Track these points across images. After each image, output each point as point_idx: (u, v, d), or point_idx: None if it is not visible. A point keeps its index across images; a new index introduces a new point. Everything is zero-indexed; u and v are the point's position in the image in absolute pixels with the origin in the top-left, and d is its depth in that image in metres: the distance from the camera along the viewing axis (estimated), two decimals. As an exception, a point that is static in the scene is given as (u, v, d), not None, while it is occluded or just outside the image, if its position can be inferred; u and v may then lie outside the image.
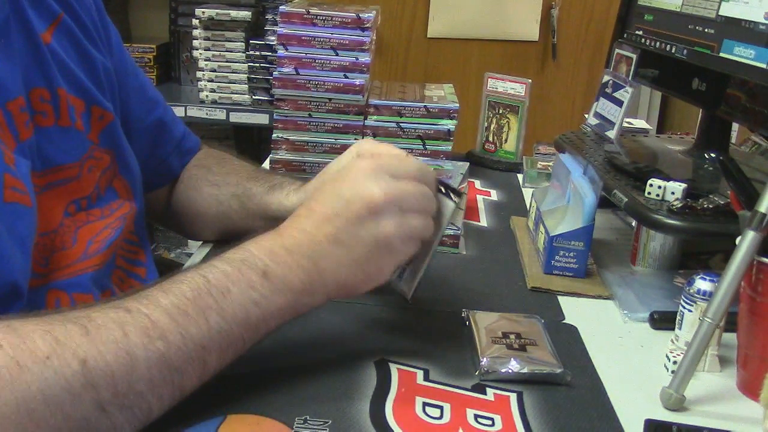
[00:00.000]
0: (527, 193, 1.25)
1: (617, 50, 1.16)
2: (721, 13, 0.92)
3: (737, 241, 0.67)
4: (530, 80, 1.39)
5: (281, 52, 1.27)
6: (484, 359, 0.70)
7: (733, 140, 1.30)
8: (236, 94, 2.09)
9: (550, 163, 1.30)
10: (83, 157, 0.76)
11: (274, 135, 1.30)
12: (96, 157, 0.78)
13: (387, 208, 0.65)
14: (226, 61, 2.09)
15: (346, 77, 1.27)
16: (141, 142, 0.90)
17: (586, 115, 1.23)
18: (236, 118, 2.10)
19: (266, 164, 1.34)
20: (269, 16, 2.11)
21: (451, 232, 0.99)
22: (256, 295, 0.61)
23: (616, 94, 1.13)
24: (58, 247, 0.73)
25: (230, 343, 0.60)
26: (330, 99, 1.28)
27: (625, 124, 1.27)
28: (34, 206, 0.67)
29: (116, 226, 0.80)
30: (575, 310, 0.85)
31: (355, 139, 1.29)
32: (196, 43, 2.08)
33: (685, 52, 1.00)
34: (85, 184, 0.76)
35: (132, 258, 0.86)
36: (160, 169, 0.95)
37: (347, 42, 1.26)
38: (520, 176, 1.36)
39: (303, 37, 1.26)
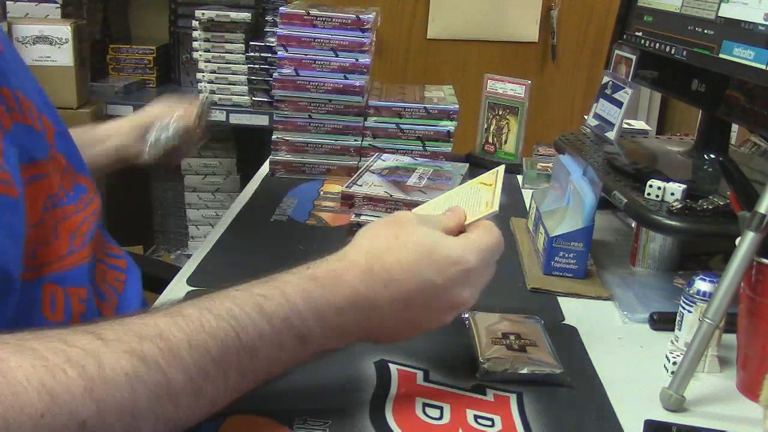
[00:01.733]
0: (527, 194, 1.25)
1: (617, 51, 1.16)
2: (720, 14, 0.93)
3: (737, 241, 0.67)
4: (530, 81, 1.39)
5: (281, 53, 1.27)
6: (484, 360, 0.70)
7: (733, 141, 1.30)
8: (236, 95, 2.10)
9: (550, 165, 1.30)
10: (48, 156, 0.76)
11: (273, 136, 1.30)
12: (56, 158, 0.78)
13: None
14: (226, 63, 2.09)
15: (346, 78, 1.28)
16: None
17: (586, 117, 1.23)
18: (236, 119, 2.10)
19: (266, 165, 1.34)
20: (269, 18, 2.11)
21: None
22: (285, 356, 0.57)
23: (616, 95, 1.13)
24: (42, 241, 0.72)
25: (241, 394, 0.56)
26: (330, 100, 1.28)
27: (625, 125, 1.27)
28: (21, 197, 0.66)
29: (92, 220, 0.80)
30: (575, 311, 0.85)
31: (355, 140, 1.30)
32: (195, 44, 2.08)
33: (684, 53, 1.00)
34: (54, 183, 0.76)
35: (109, 251, 0.86)
36: None
37: (347, 43, 1.26)
38: (519, 177, 1.36)
39: (303, 38, 1.27)
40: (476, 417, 0.63)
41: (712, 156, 1.03)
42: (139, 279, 0.88)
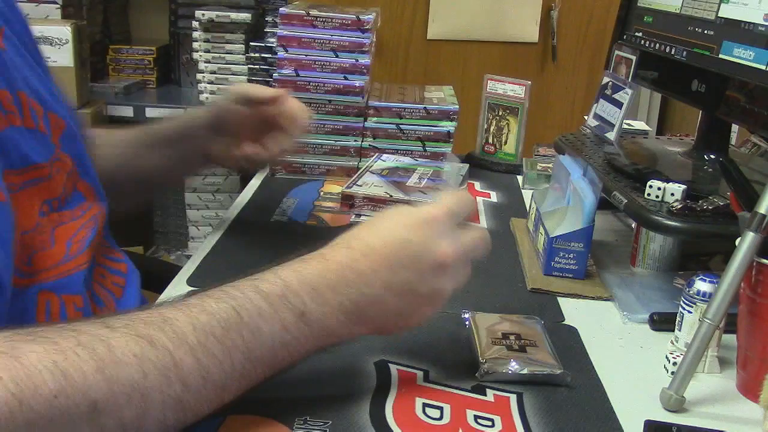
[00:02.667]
0: (527, 194, 1.25)
1: (617, 52, 1.16)
2: (720, 14, 0.93)
3: (737, 242, 0.67)
4: (530, 82, 1.39)
5: (281, 53, 1.27)
6: (484, 360, 0.70)
7: (733, 142, 1.30)
8: (236, 95, 2.09)
9: (550, 165, 1.31)
10: (51, 158, 0.75)
11: (274, 136, 1.30)
12: (61, 160, 0.78)
13: (453, 266, 0.64)
14: (226, 63, 2.09)
15: (346, 79, 1.28)
16: None
17: (586, 117, 1.23)
18: (236, 119, 2.09)
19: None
20: (269, 18, 2.11)
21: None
22: (288, 337, 0.58)
23: (616, 96, 1.13)
24: (38, 247, 0.72)
25: (250, 381, 0.57)
26: (330, 100, 1.28)
27: (625, 126, 1.27)
28: (8, 201, 0.65)
29: (90, 226, 0.79)
30: (575, 311, 0.85)
31: (355, 141, 1.30)
32: (196, 45, 2.08)
33: (684, 53, 1.00)
34: (55, 185, 0.76)
35: (110, 256, 0.86)
36: None
37: (347, 44, 1.27)
38: (519, 178, 1.36)
39: (303, 39, 1.27)
40: (476, 417, 0.63)
41: (712, 156, 1.03)
42: (138, 284, 0.88)
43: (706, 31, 0.95)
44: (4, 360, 0.47)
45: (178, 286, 0.85)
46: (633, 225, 1.02)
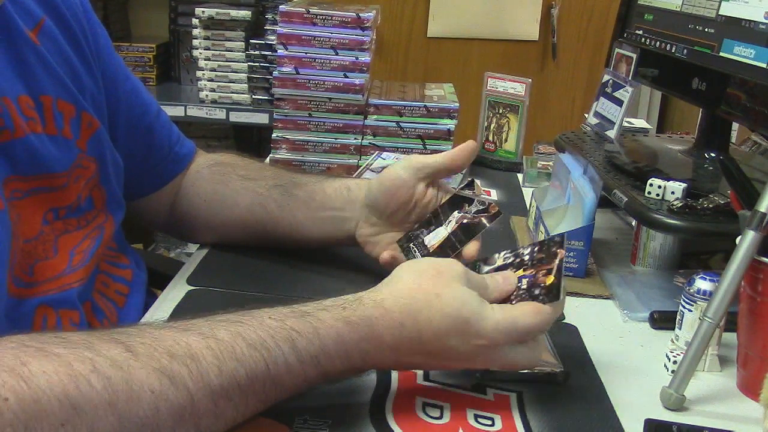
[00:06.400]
0: (527, 192, 1.25)
1: (617, 49, 1.16)
2: (721, 12, 0.92)
3: (737, 240, 0.67)
4: (530, 80, 1.39)
5: (281, 51, 1.27)
6: (484, 359, 0.70)
7: (733, 140, 1.30)
8: (236, 93, 2.09)
9: (550, 163, 1.30)
10: (72, 165, 0.75)
11: (274, 134, 1.30)
12: (83, 166, 0.77)
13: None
14: (226, 61, 2.09)
15: (346, 77, 1.27)
16: (132, 147, 0.88)
17: (586, 115, 1.23)
18: (236, 117, 2.09)
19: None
20: (269, 16, 2.11)
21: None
22: (305, 385, 0.59)
23: (616, 94, 1.13)
24: (41, 256, 0.71)
25: (255, 414, 0.57)
26: (330, 98, 1.28)
27: (625, 124, 1.27)
28: (5, 209, 0.65)
29: (95, 235, 0.78)
30: (575, 310, 0.85)
31: (355, 138, 1.29)
32: (196, 42, 2.08)
33: (685, 51, 1.00)
34: (69, 194, 0.75)
35: (115, 262, 0.85)
36: (150, 174, 0.92)
37: (347, 41, 1.26)
38: (520, 176, 1.36)
39: (303, 37, 1.26)
40: (476, 416, 0.63)
41: (713, 154, 1.02)
42: (143, 292, 0.87)
43: (706, 29, 0.95)
44: (12, 380, 0.45)
45: (178, 286, 0.85)
46: (633, 223, 1.02)
